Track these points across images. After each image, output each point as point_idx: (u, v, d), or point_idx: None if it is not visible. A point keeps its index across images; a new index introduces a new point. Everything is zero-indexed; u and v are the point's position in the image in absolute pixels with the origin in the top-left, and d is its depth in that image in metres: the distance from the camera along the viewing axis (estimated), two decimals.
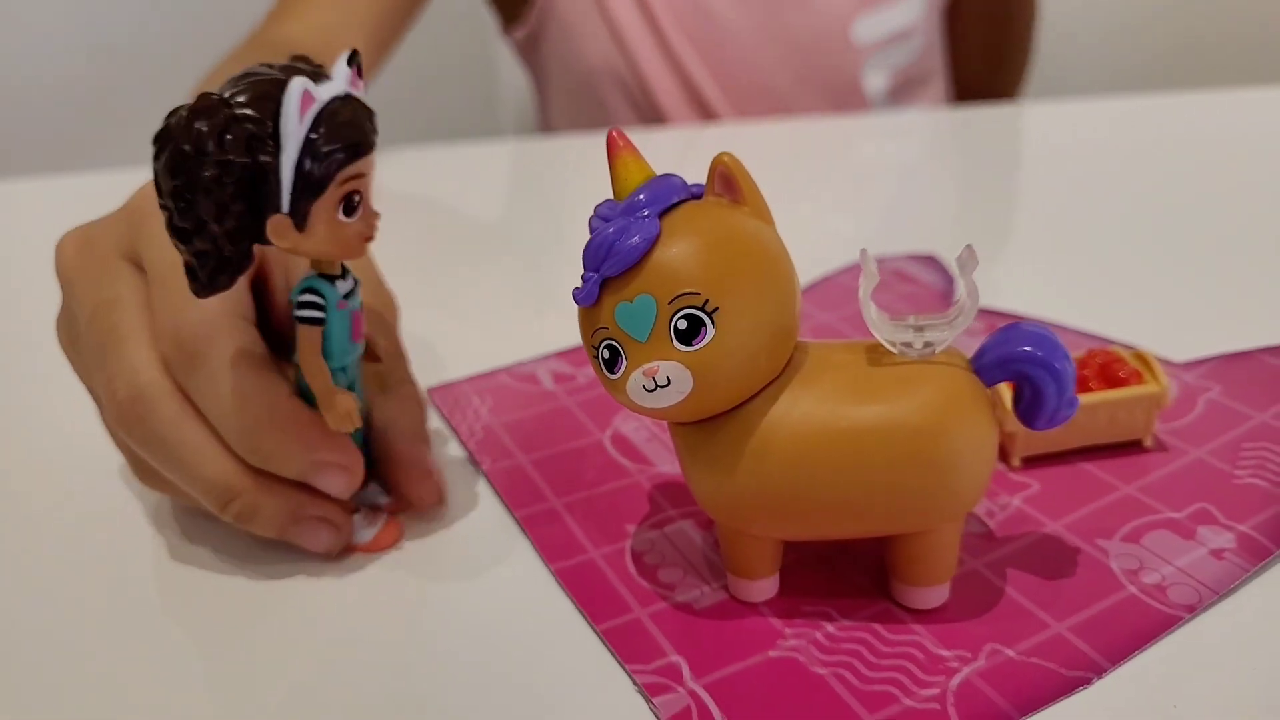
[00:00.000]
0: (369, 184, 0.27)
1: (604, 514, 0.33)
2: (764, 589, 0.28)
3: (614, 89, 0.85)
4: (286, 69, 0.26)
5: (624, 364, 0.25)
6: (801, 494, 0.25)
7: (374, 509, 0.32)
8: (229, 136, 0.24)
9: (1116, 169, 0.64)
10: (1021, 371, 0.25)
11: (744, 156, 0.25)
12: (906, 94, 0.88)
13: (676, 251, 0.24)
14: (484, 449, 0.37)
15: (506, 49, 0.94)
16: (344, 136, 0.25)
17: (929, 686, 0.25)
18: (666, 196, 0.25)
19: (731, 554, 0.28)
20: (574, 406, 0.39)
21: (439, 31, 0.88)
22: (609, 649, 0.27)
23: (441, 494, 0.33)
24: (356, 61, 0.27)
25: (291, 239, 0.26)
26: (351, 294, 0.29)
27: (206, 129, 0.24)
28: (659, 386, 0.24)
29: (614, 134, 0.26)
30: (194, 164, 0.24)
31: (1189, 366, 0.38)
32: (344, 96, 0.26)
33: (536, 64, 0.90)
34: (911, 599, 0.28)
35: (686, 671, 0.26)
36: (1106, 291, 0.46)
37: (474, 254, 0.59)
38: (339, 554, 0.31)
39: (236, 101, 0.25)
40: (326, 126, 0.25)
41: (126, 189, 0.33)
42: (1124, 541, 0.29)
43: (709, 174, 0.26)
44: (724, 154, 0.25)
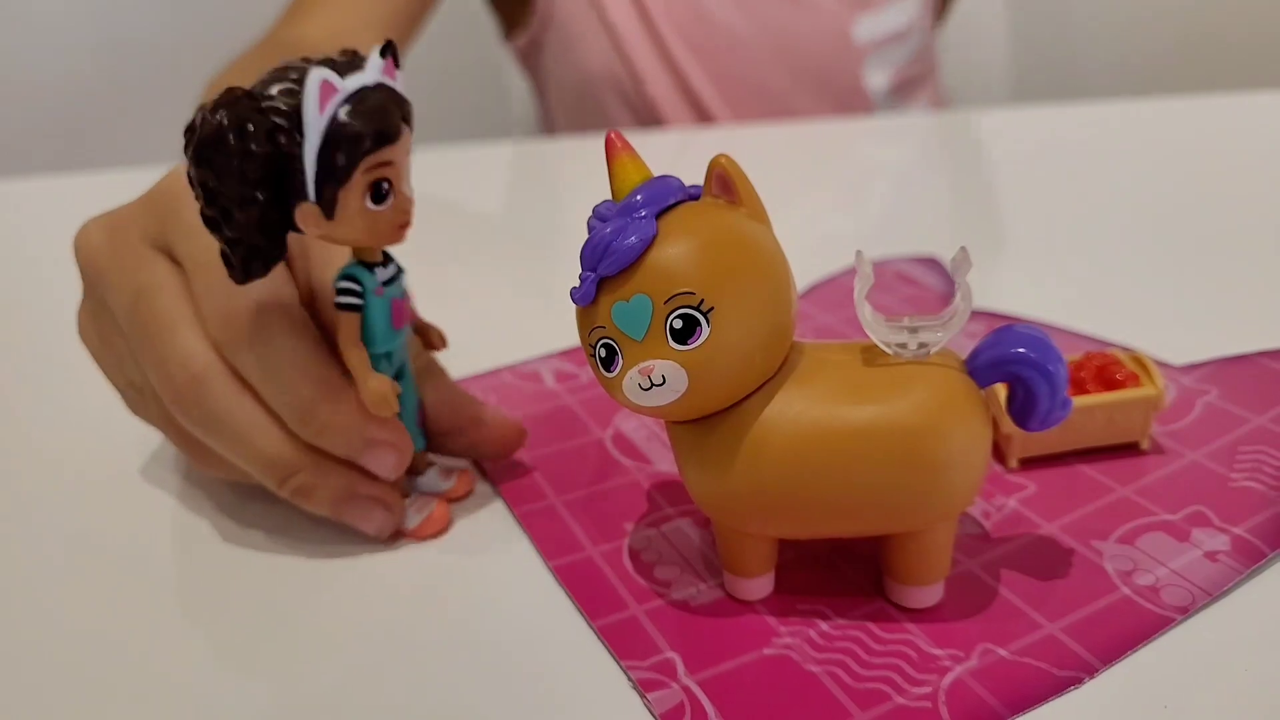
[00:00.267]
0: (400, 171, 0.28)
1: (603, 512, 0.33)
2: (759, 587, 0.29)
3: (613, 95, 0.85)
4: (319, 62, 0.27)
5: (620, 363, 0.25)
6: (796, 493, 0.25)
7: (425, 496, 0.33)
8: (250, 127, 0.25)
9: (1118, 172, 0.64)
10: (1014, 373, 0.25)
11: (741, 158, 0.26)
12: (906, 93, 0.88)
13: (672, 252, 0.24)
14: None
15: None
16: (368, 124, 0.26)
17: (921, 685, 0.25)
18: (664, 197, 0.25)
19: (727, 552, 0.28)
20: (575, 405, 0.40)
21: (449, 34, 0.88)
22: (605, 645, 0.27)
23: (524, 433, 0.35)
24: (391, 52, 0.28)
25: (322, 227, 0.27)
26: (392, 281, 0.30)
27: (228, 121, 0.25)
28: (654, 385, 0.24)
29: (612, 135, 0.26)
30: (217, 155, 0.25)
31: (1187, 370, 0.38)
32: (374, 86, 0.27)
33: (537, 71, 0.91)
34: (905, 598, 0.28)
35: (681, 668, 0.26)
36: (1105, 294, 0.46)
37: (477, 254, 0.60)
38: (390, 538, 0.32)
39: (262, 94, 0.26)
40: (351, 115, 0.26)
41: (133, 187, 0.34)
42: (1119, 543, 0.30)
43: (706, 175, 0.26)
44: (721, 156, 0.26)
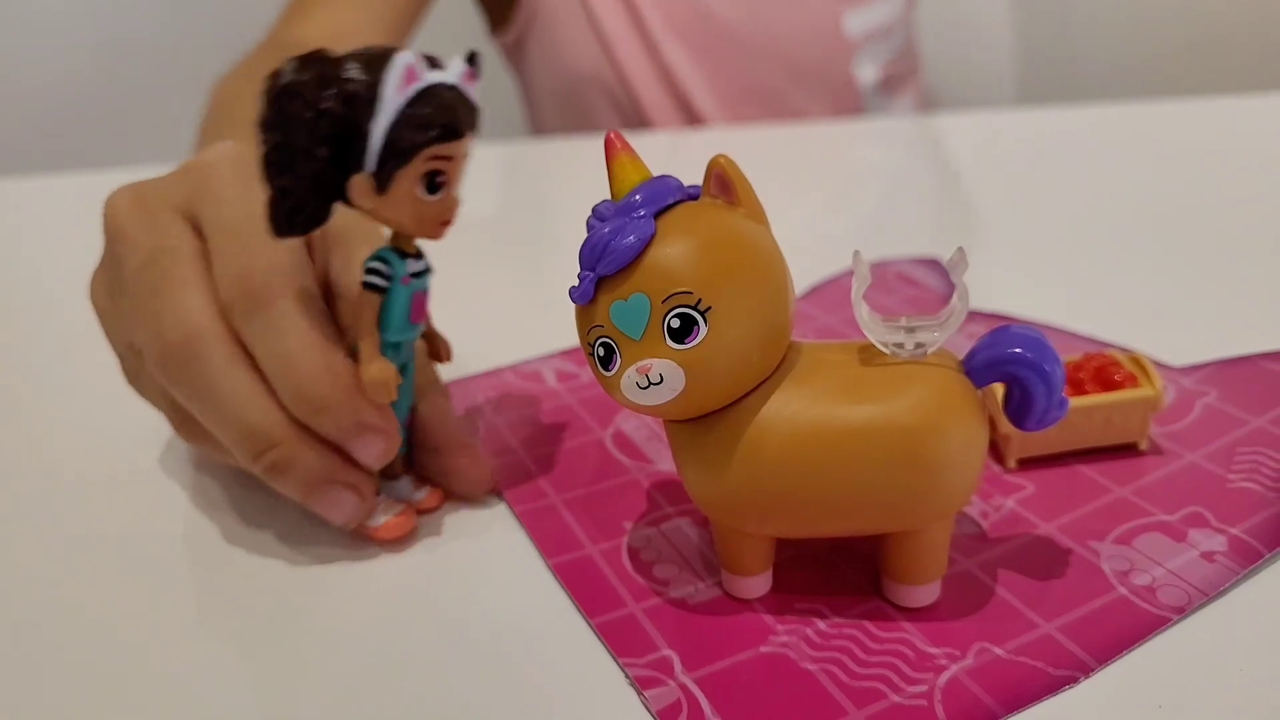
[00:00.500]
0: (456, 170, 0.28)
1: (602, 510, 0.33)
2: (757, 586, 0.29)
3: (599, 94, 0.85)
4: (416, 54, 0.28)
5: (618, 361, 0.25)
6: (792, 492, 0.26)
7: (396, 500, 0.33)
8: (331, 89, 0.26)
9: (1119, 173, 0.64)
10: (1011, 373, 0.25)
11: (736, 159, 0.26)
12: (894, 87, 0.89)
13: (670, 251, 0.24)
14: (486, 445, 0.37)
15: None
16: (440, 115, 0.27)
17: (917, 683, 0.25)
18: (662, 197, 0.25)
19: (725, 551, 0.28)
20: (576, 405, 0.40)
21: (433, 30, 0.88)
22: (603, 642, 0.28)
23: (494, 481, 0.34)
24: (476, 62, 0.29)
25: (371, 201, 0.28)
26: (420, 275, 0.31)
27: (309, 77, 0.26)
28: (652, 384, 0.24)
29: (612, 136, 0.26)
30: (294, 103, 0.26)
31: (1187, 371, 0.38)
32: (451, 85, 0.28)
33: (522, 68, 0.91)
34: (902, 597, 0.28)
35: (678, 665, 0.27)
36: (1106, 295, 0.47)
37: (480, 254, 0.60)
38: (353, 530, 0.32)
39: (347, 62, 0.27)
40: (425, 103, 0.27)
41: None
42: (1116, 543, 0.30)
43: (705, 175, 0.26)
44: (720, 156, 0.26)
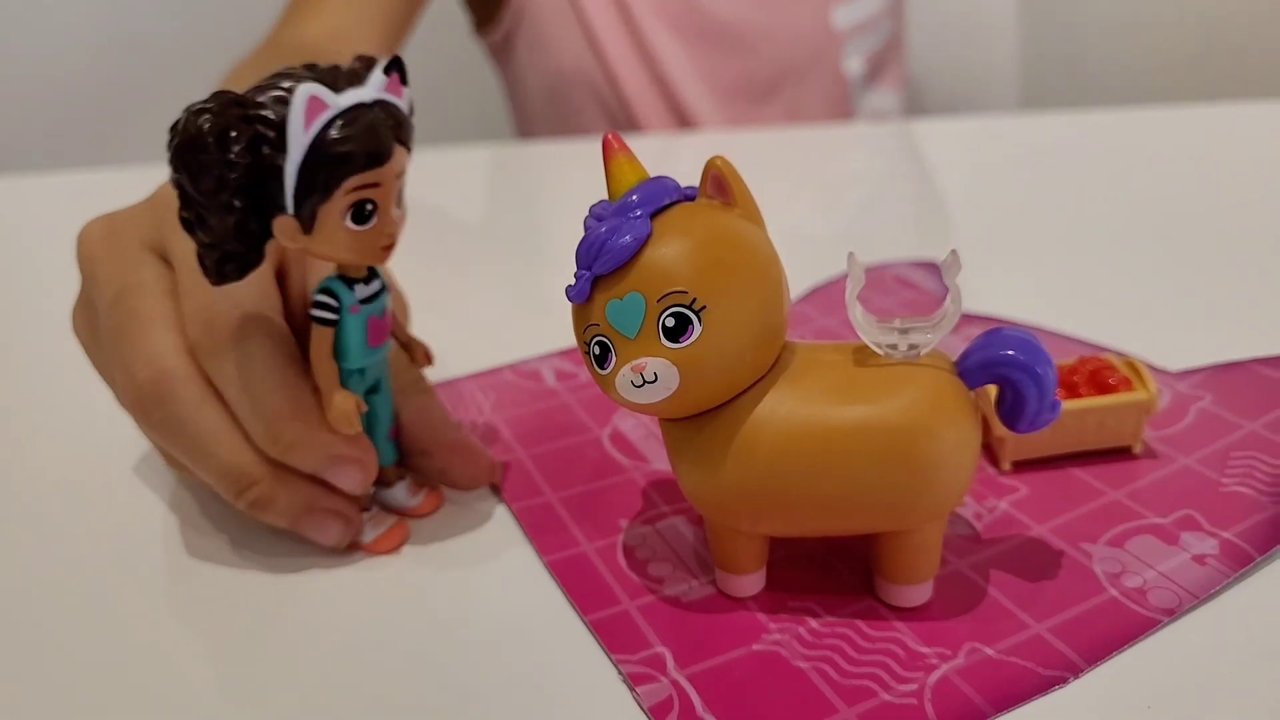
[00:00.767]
0: (388, 192, 0.27)
1: (598, 509, 0.33)
2: (750, 584, 0.29)
3: (586, 92, 0.85)
4: (320, 72, 0.26)
5: (614, 360, 0.25)
6: (785, 491, 0.26)
7: (384, 511, 0.33)
8: (233, 134, 0.25)
9: (1118, 178, 0.64)
10: (1003, 375, 0.26)
11: (731, 161, 0.26)
12: (875, 77, 0.90)
13: (666, 251, 0.25)
14: (484, 444, 0.37)
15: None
16: (355, 143, 0.26)
17: (908, 682, 0.26)
18: (659, 198, 0.26)
19: (719, 549, 0.29)
20: (575, 404, 0.40)
21: (433, 33, 0.88)
22: (596, 639, 0.28)
23: (496, 470, 0.34)
24: (398, 69, 0.27)
25: (299, 241, 0.27)
26: (374, 299, 0.29)
27: (209, 126, 0.25)
28: (646, 382, 0.25)
29: (609, 137, 0.26)
30: (196, 159, 0.25)
31: (1183, 375, 0.38)
32: (370, 103, 0.26)
33: (509, 68, 0.90)
34: (895, 597, 0.28)
35: (671, 662, 0.27)
36: (1104, 299, 0.47)
37: (482, 254, 0.60)
38: (345, 549, 0.32)
39: (253, 101, 0.25)
40: (338, 134, 0.25)
41: (144, 185, 0.34)
42: (1108, 546, 0.30)
43: (702, 176, 0.26)
44: (717, 157, 0.26)
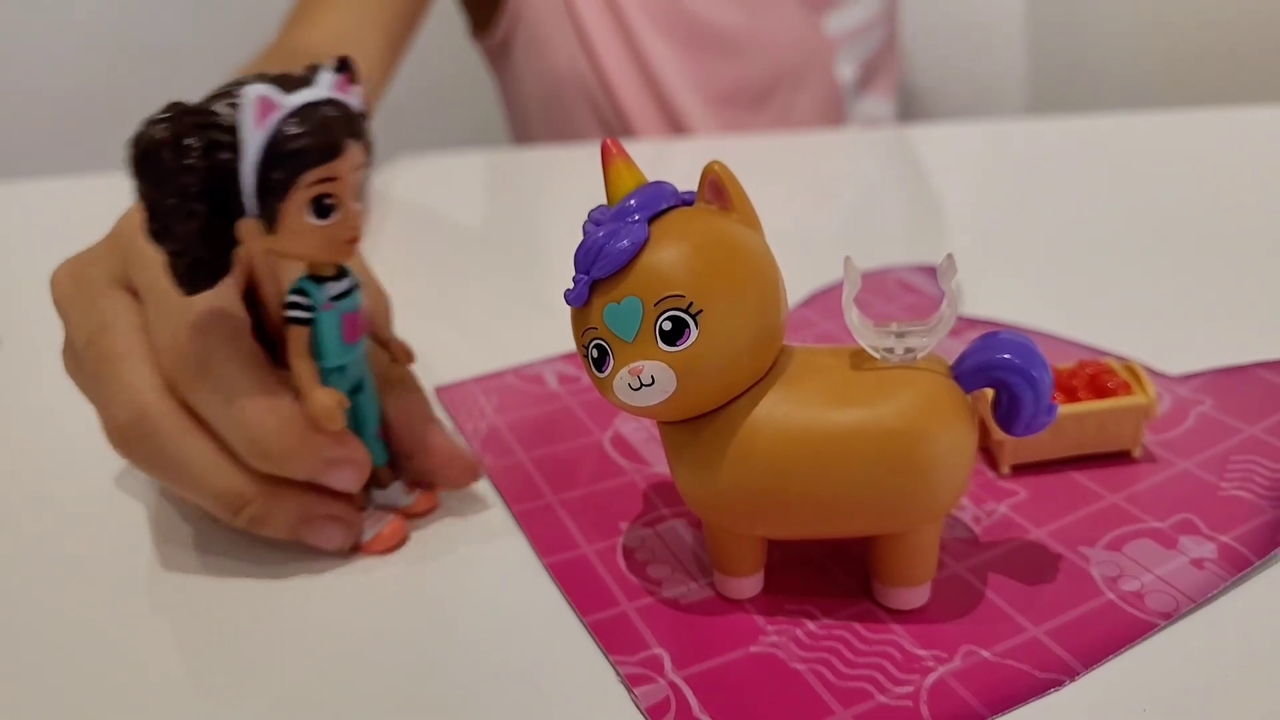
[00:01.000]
0: (346, 187, 0.27)
1: (599, 511, 0.34)
2: (748, 586, 0.29)
3: (581, 97, 0.85)
4: (270, 77, 0.27)
5: (611, 363, 0.25)
6: (782, 493, 0.26)
7: (381, 511, 0.33)
8: (188, 142, 0.25)
9: (1119, 182, 0.64)
10: (999, 378, 0.26)
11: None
12: (868, 84, 0.90)
13: (663, 255, 0.25)
14: (486, 446, 0.38)
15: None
16: (308, 138, 0.26)
17: (903, 684, 0.26)
18: (657, 202, 0.26)
19: (717, 551, 0.29)
20: (577, 407, 0.40)
21: (445, 36, 0.89)
22: (595, 640, 0.28)
23: (475, 472, 0.34)
24: (348, 68, 0.28)
25: (264, 241, 0.27)
26: (345, 295, 0.30)
27: (166, 134, 0.25)
28: (644, 385, 0.25)
29: (608, 143, 0.27)
30: (154, 168, 0.25)
31: (1183, 380, 0.38)
32: (321, 101, 0.27)
33: (505, 72, 0.91)
34: (892, 599, 0.28)
35: (668, 663, 0.27)
36: (1104, 303, 0.47)
37: (485, 258, 0.61)
38: (348, 551, 0.32)
39: (206, 109, 0.26)
40: (291, 130, 0.26)
41: None
42: (1106, 549, 0.30)
43: (700, 181, 0.26)
44: (714, 162, 0.26)
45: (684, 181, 0.27)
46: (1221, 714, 0.25)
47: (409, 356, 0.34)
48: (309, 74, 0.27)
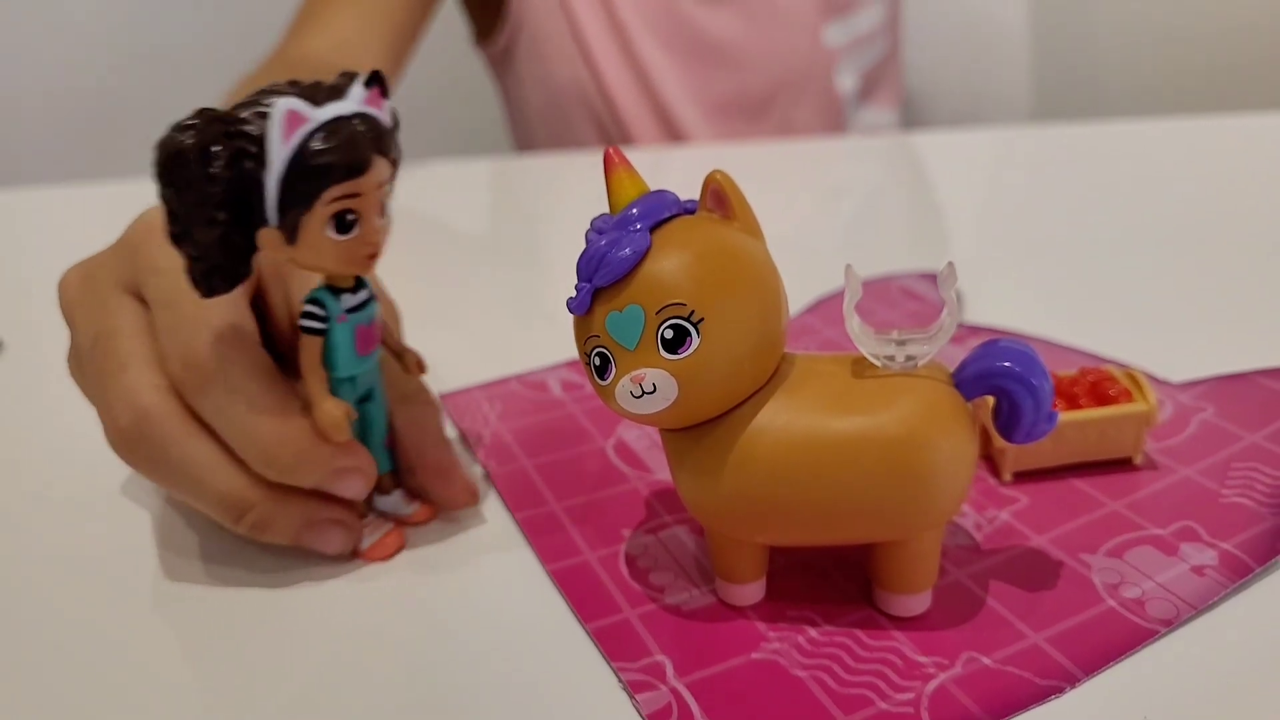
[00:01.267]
0: (370, 203, 0.28)
1: (601, 518, 0.34)
2: (750, 593, 0.29)
3: (581, 108, 0.86)
4: (302, 88, 0.27)
5: (614, 371, 0.26)
6: (783, 500, 0.26)
7: (380, 518, 0.33)
8: (215, 150, 0.25)
9: (1121, 190, 0.64)
10: (999, 386, 0.26)
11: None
12: (869, 94, 0.90)
13: (665, 264, 0.25)
14: (490, 453, 0.38)
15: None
16: (334, 154, 0.26)
17: (905, 691, 0.26)
18: (658, 211, 0.26)
19: (719, 558, 0.29)
20: (580, 414, 0.40)
21: (449, 44, 0.89)
22: (597, 647, 0.28)
23: (474, 495, 0.34)
24: (378, 82, 0.28)
25: (284, 252, 0.27)
26: (361, 308, 0.30)
27: (192, 142, 0.25)
28: (645, 393, 0.25)
29: (610, 151, 0.27)
30: (179, 174, 0.26)
31: (1185, 387, 0.38)
32: (350, 116, 0.27)
33: (507, 80, 0.91)
34: (893, 606, 0.28)
35: (670, 670, 0.27)
36: (1106, 311, 0.47)
37: (491, 266, 0.61)
38: (348, 557, 0.32)
39: (235, 117, 0.26)
40: (317, 145, 0.26)
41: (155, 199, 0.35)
42: (1107, 556, 0.30)
43: (702, 190, 0.27)
44: (716, 171, 0.26)
45: (685, 190, 0.27)
46: None
47: (421, 368, 0.34)
48: (341, 85, 0.27)
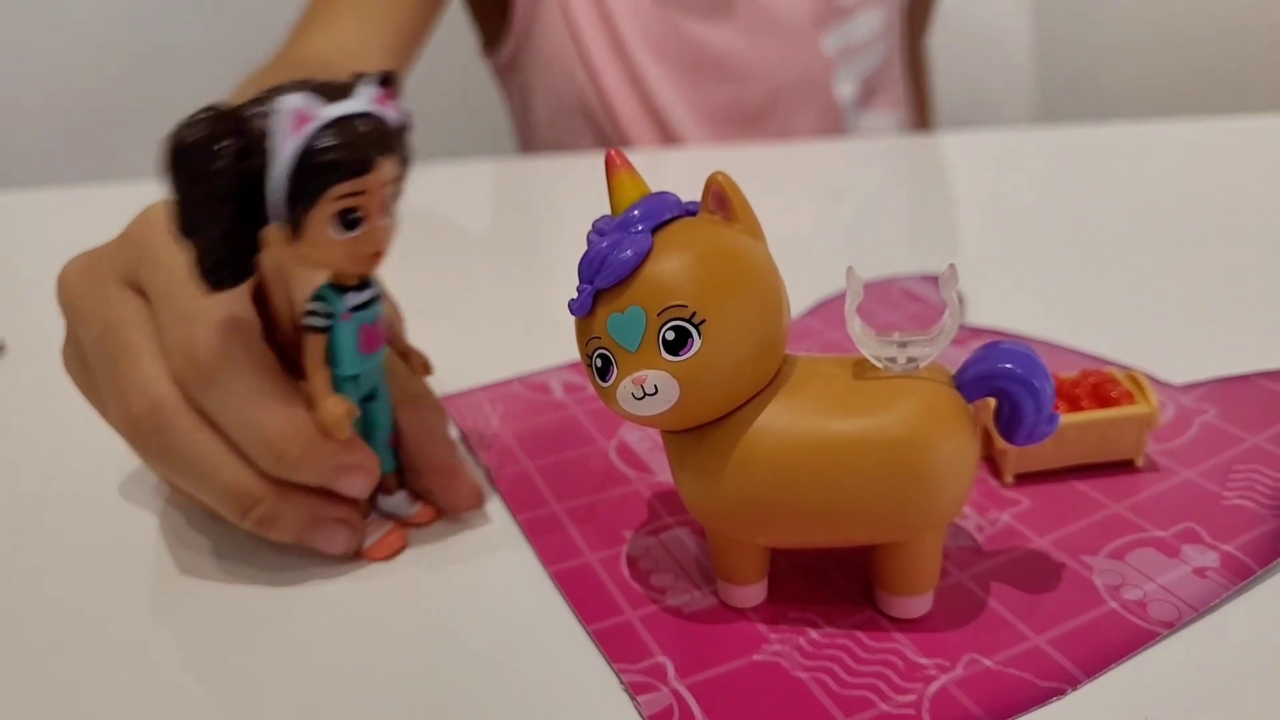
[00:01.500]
0: (375, 202, 0.28)
1: (603, 520, 0.34)
2: (752, 595, 0.29)
3: (583, 118, 0.86)
4: (312, 86, 0.27)
5: (615, 372, 0.26)
6: (784, 502, 0.26)
7: (382, 518, 0.33)
8: (222, 144, 0.26)
9: (1124, 192, 0.64)
10: (1001, 388, 0.26)
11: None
12: (869, 100, 0.90)
13: (666, 265, 0.25)
14: (492, 454, 0.38)
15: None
16: (339, 152, 0.26)
17: (906, 693, 0.26)
18: (660, 213, 0.26)
19: (720, 560, 0.29)
20: (582, 416, 0.40)
21: (444, 51, 0.89)
22: (599, 648, 0.28)
23: (479, 497, 0.34)
24: (391, 81, 0.28)
25: (288, 248, 0.27)
26: (366, 306, 0.30)
27: (199, 137, 0.26)
28: (647, 395, 0.25)
29: (612, 153, 0.27)
30: (187, 168, 0.26)
31: (1187, 389, 0.38)
32: (356, 115, 0.27)
33: (513, 88, 0.92)
34: (894, 608, 0.28)
35: (671, 672, 0.27)
36: (1108, 313, 0.47)
37: (494, 268, 0.61)
38: (352, 556, 0.32)
39: (242, 114, 0.26)
40: (322, 143, 0.26)
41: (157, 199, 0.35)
42: (1109, 558, 0.30)
43: (703, 192, 0.27)
44: (718, 173, 0.26)
45: (686, 192, 0.28)
46: None
47: (427, 368, 0.34)
48: (351, 84, 0.27)
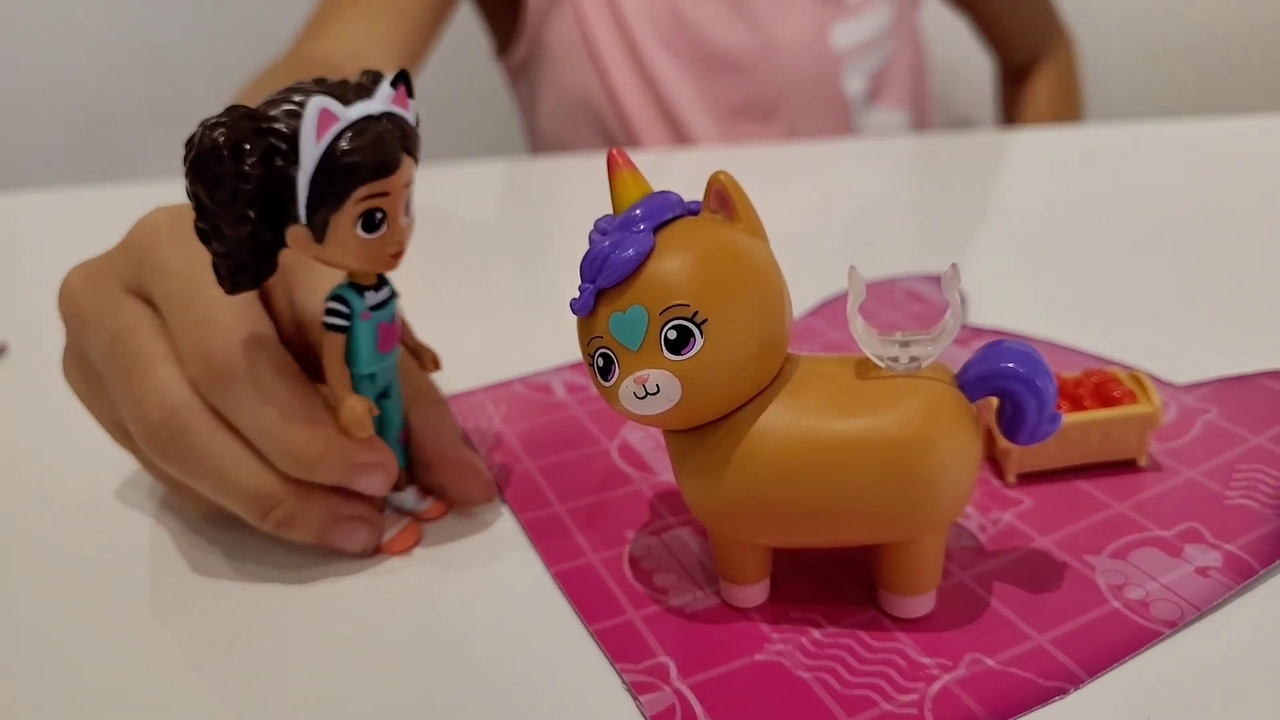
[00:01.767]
0: (396, 202, 0.28)
1: (605, 520, 0.34)
2: (754, 595, 0.29)
3: (593, 120, 0.86)
4: (329, 86, 0.27)
5: (617, 372, 0.26)
6: (786, 502, 0.26)
7: (397, 511, 0.33)
8: (247, 147, 0.26)
9: (1126, 192, 0.64)
10: (1003, 387, 0.26)
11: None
12: (878, 96, 0.90)
13: (668, 265, 0.25)
14: (494, 455, 0.38)
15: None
16: (363, 155, 0.26)
17: (908, 692, 0.26)
18: (662, 212, 0.26)
19: (723, 560, 0.29)
20: (584, 416, 0.40)
21: (455, 53, 0.90)
22: (601, 648, 0.28)
23: (491, 491, 0.34)
24: (404, 81, 0.28)
25: (312, 250, 0.27)
26: (383, 306, 0.30)
27: (224, 139, 0.25)
28: (649, 394, 0.25)
29: (614, 152, 0.27)
30: (211, 172, 0.26)
31: (1189, 389, 0.38)
32: (378, 116, 0.27)
33: (523, 90, 0.92)
34: (897, 608, 0.28)
35: (674, 672, 0.27)
36: (1111, 313, 0.47)
37: (496, 267, 0.61)
38: (371, 553, 0.32)
39: (265, 114, 0.26)
40: (348, 145, 0.26)
41: (166, 200, 0.35)
42: (1111, 558, 0.30)
43: (705, 191, 0.27)
44: (720, 172, 0.26)
45: (689, 191, 0.28)
46: None
47: (437, 364, 0.34)
48: (368, 84, 0.27)
